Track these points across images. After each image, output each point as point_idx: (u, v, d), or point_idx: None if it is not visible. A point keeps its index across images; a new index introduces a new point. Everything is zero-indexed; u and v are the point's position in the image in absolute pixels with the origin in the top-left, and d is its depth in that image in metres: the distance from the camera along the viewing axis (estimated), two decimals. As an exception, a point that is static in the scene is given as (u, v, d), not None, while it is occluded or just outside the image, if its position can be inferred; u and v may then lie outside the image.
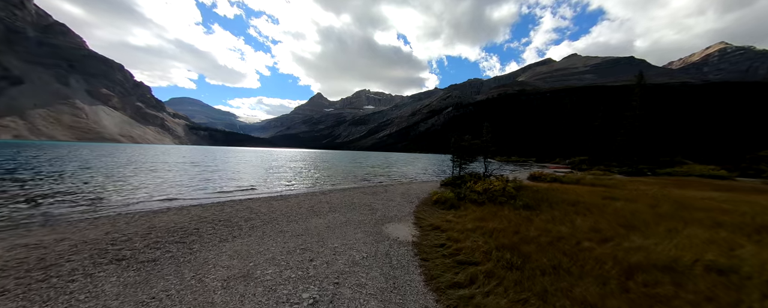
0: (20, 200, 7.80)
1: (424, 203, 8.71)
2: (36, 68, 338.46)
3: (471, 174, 11.53)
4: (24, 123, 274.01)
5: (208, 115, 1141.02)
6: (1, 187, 9.57)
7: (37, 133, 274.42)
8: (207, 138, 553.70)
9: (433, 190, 10.41)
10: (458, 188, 10.50)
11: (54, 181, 11.36)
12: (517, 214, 6.91)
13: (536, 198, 8.90)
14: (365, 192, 11.05)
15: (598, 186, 14.32)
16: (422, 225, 6.08)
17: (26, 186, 9.91)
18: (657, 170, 26.79)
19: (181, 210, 6.99)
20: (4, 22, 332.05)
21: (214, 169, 20.24)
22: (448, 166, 44.47)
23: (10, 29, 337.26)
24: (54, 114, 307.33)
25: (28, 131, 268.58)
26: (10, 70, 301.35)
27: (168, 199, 8.87)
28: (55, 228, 5.23)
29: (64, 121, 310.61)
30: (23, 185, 10.17)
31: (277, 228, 5.49)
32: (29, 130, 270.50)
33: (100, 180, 12.41)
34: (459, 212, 7.32)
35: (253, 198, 9.48)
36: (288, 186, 12.79)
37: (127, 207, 7.60)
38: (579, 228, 5.69)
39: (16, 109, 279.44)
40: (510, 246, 4.44)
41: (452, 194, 8.69)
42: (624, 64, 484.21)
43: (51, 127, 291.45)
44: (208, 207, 7.55)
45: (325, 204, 8.20)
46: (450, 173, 12.71)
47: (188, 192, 10.40)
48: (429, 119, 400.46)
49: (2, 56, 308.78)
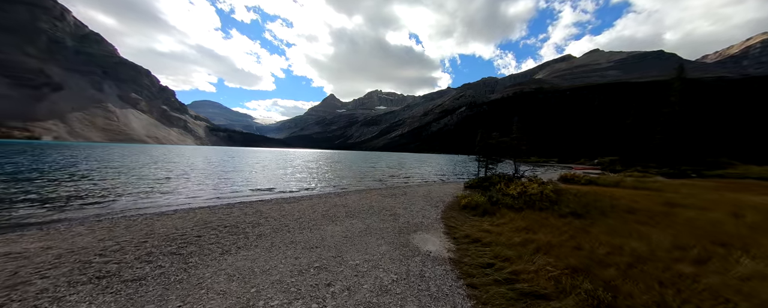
0: (33, 201, 7.60)
1: (450, 208, 7.73)
2: (74, 75, 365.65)
3: (499, 176, 10.40)
4: (63, 125, 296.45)
5: (227, 117, 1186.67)
6: (24, 187, 9.56)
7: (75, 134, 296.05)
8: (226, 139, 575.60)
9: (459, 193, 9.40)
10: (487, 191, 9.43)
11: (75, 181, 11.36)
12: (566, 224, 5.81)
13: (581, 203, 7.69)
14: (383, 194, 10.20)
15: (642, 189, 12.71)
16: (456, 235, 5.14)
17: (47, 187, 9.87)
18: (703, 171, 24.11)
19: (187, 213, 6.45)
20: (47, 33, 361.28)
21: (231, 169, 20.16)
22: (466, 167, 42.93)
23: (52, 40, 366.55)
24: (89, 117, 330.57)
25: (67, 133, 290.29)
26: (52, 77, 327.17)
27: (178, 200, 8.44)
28: (48, 233, 4.75)
29: (98, 124, 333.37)
30: (44, 186, 10.16)
31: (288, 237, 4.74)
32: (68, 132, 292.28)
33: (119, 179, 12.36)
34: (495, 219, 6.30)
35: (264, 199, 8.89)
36: (301, 188, 12.19)
37: (134, 208, 7.18)
38: (657, 244, 4.54)
39: (56, 112, 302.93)
40: (582, 269, 3.44)
41: (483, 198, 7.65)
42: (652, 58, 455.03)
43: (86, 129, 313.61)
44: (217, 209, 6.98)
45: (340, 207, 7.43)
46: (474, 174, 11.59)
47: (201, 192, 10.00)
48: (441, 119, 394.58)
49: (45, 65, 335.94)
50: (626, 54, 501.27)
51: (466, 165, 39.39)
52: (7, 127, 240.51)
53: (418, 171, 26.65)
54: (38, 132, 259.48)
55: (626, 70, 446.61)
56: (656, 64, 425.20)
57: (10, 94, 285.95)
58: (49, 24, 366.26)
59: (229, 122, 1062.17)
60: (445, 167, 35.33)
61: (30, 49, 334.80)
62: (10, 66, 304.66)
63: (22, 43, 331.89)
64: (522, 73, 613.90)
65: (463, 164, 46.02)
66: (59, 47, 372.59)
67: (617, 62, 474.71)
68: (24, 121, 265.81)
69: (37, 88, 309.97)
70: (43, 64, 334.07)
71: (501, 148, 10.58)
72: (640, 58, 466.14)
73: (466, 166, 37.13)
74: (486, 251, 4.20)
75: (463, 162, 54.25)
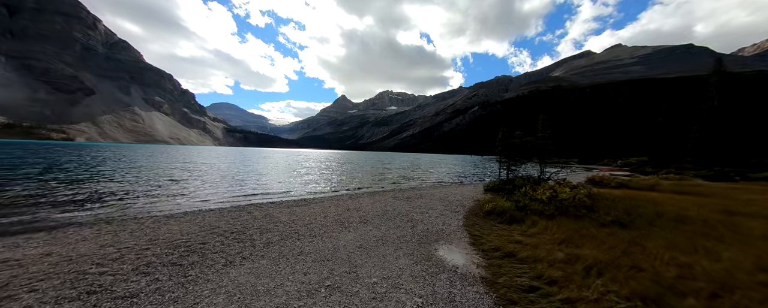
0: (51, 202, 7.67)
1: (473, 213, 7.10)
2: (104, 81, 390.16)
3: (524, 178, 9.60)
4: (95, 128, 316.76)
5: (243, 118, 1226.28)
6: (50, 187, 9.80)
7: (105, 136, 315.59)
8: (242, 139, 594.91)
9: (483, 198, 8.71)
10: (511, 195, 8.70)
11: (97, 182, 11.61)
12: (610, 235, 5.06)
13: (621, 210, 6.84)
14: (397, 197, 9.68)
15: (685, 193, 11.45)
16: (484, 247, 4.54)
17: (69, 187, 10.08)
18: (748, 174, 21.86)
19: (196, 216, 6.21)
20: (81, 41, 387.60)
21: (244, 170, 20.32)
22: (481, 168, 41.71)
23: (85, 47, 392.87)
24: (117, 119, 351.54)
25: (98, 135, 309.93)
26: (85, 83, 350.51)
27: (190, 202, 8.31)
28: (55, 236, 4.59)
29: (126, 126, 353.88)
30: (66, 186, 10.39)
31: (297, 247, 4.33)
32: (99, 134, 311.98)
33: (139, 180, 12.56)
34: (525, 228, 5.63)
35: (275, 201, 8.61)
36: (313, 189, 11.89)
37: (146, 210, 7.06)
38: (733, 264, 3.75)
39: (88, 115, 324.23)
40: (653, 299, 2.78)
41: (509, 203, 6.96)
42: (681, 52, 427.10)
43: (115, 131, 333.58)
44: (226, 212, 6.72)
45: (353, 212, 6.98)
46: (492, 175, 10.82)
47: (213, 193, 9.89)
48: (453, 119, 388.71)
49: (79, 71, 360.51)
50: (651, 49, 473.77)
51: (481, 166, 38.05)
52: (47, 129, 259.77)
53: (432, 172, 25.90)
54: (73, 134, 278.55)
55: (652, 65, 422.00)
56: (686, 59, 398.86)
57: (48, 98, 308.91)
58: (82, 33, 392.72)
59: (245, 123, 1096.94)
60: (458, 168, 34.29)
61: (66, 57, 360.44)
62: (50, 73, 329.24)
63: (59, 52, 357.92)
64: (538, 71, 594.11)
65: (477, 165, 44.59)
66: (91, 54, 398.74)
67: (641, 58, 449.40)
68: (60, 123, 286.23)
69: (72, 93, 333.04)
70: (78, 71, 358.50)
71: (525, 147, 9.77)
72: (667, 53, 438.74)
73: (481, 167, 35.86)
74: (523, 269, 3.59)
75: (477, 163, 52.70)
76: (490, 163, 58.79)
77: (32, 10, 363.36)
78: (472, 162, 56.70)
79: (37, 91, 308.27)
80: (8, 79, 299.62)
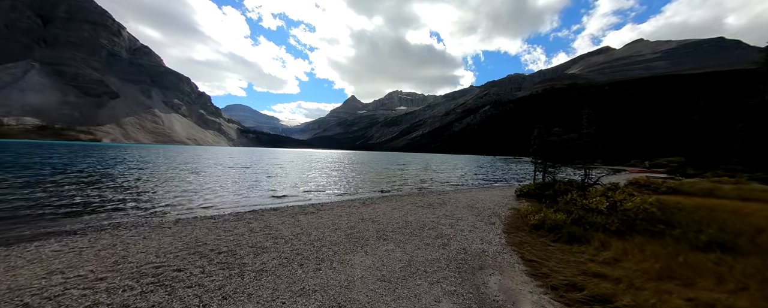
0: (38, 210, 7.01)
1: (513, 226, 5.81)
2: (128, 84, 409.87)
3: (566, 183, 8.19)
4: (119, 129, 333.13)
5: (256, 119, 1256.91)
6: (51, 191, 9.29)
7: (128, 137, 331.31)
8: (255, 140, 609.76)
9: (516, 205, 7.40)
10: (553, 202, 7.33)
11: (98, 186, 11.11)
12: (720, 264, 3.70)
13: (707, 224, 5.37)
14: (417, 203, 8.49)
15: (753, 200, 9.64)
16: (553, 282, 3.30)
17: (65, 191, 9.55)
18: (813, 177, 19.11)
19: (184, 228, 5.29)
20: (106, 48, 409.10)
21: (252, 171, 19.71)
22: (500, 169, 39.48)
23: (110, 53, 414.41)
24: (139, 121, 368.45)
25: (121, 136, 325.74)
26: (110, 87, 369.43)
27: (186, 207, 7.48)
28: (22, 254, 3.73)
29: (147, 127, 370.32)
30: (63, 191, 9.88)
31: (298, 279, 3.24)
32: (122, 135, 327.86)
33: (142, 183, 12.00)
34: (593, 251, 4.32)
35: (278, 208, 7.64)
36: (322, 193, 10.89)
37: (131, 220, 6.23)
38: None
39: (113, 118, 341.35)
40: None
41: (562, 215, 5.63)
42: (710, 47, 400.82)
43: (137, 132, 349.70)
44: (221, 222, 5.77)
45: (369, 223, 5.87)
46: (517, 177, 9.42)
47: (214, 198, 9.07)
48: (464, 119, 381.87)
49: (105, 76, 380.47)
50: (676, 43, 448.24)
51: (498, 167, 35.90)
52: (76, 131, 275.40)
53: (447, 173, 24.44)
54: (99, 135, 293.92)
55: (676, 60, 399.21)
56: (715, 54, 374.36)
57: (77, 102, 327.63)
58: (108, 40, 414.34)
59: (258, 124, 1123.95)
60: (473, 169, 32.54)
61: (93, 63, 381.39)
62: (79, 78, 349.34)
63: (87, 58, 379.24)
64: (552, 69, 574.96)
65: (494, 165, 42.35)
66: (116, 60, 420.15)
67: (665, 53, 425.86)
68: (88, 125, 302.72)
69: (99, 97, 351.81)
70: (104, 76, 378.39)
71: (566, 147, 8.34)
72: (694, 47, 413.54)
73: (498, 168, 33.78)
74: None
75: (492, 164, 50.35)
76: (507, 164, 56.16)
77: (63, 19, 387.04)
78: (486, 163, 54.39)
79: (68, 95, 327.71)
80: (42, 84, 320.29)
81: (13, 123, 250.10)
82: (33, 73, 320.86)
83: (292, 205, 8.05)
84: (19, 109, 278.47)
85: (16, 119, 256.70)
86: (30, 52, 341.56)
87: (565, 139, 8.36)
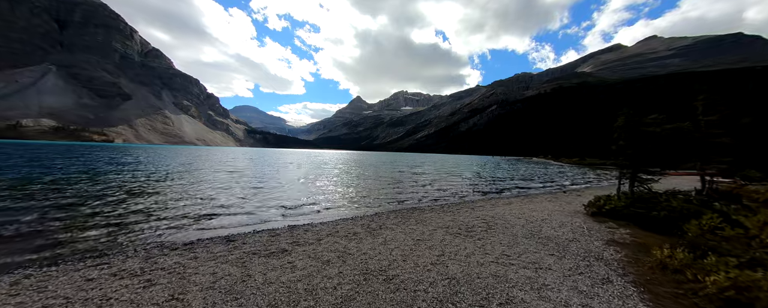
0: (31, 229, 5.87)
1: (665, 293, 3.57)
2: (139, 86, 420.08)
3: (679, 197, 6.28)
4: (131, 130, 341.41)
5: (263, 120, 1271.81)
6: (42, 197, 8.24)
7: (139, 137, 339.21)
8: (261, 140, 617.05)
9: (623, 235, 5.62)
10: (673, 228, 5.38)
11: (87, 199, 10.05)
12: None
13: None
14: (448, 225, 6.56)
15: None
16: None
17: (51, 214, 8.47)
18: None
19: (90, 272, 3.99)
20: (119, 51, 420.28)
21: (248, 176, 18.57)
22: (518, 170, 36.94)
23: (123, 56, 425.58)
24: (151, 122, 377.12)
25: (133, 136, 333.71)
26: (123, 89, 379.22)
27: (134, 231, 6.25)
28: None
29: (158, 128, 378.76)
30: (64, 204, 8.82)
31: None
32: (134, 136, 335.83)
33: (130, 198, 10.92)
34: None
35: (261, 230, 6.25)
36: (315, 208, 9.51)
37: (78, 253, 5.00)
38: None
39: (125, 119, 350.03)
40: None
41: (758, 274, 3.95)
42: (729, 43, 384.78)
43: (148, 133, 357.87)
44: (149, 265, 4.45)
45: (378, 282, 3.77)
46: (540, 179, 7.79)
47: (175, 216, 7.84)
48: (470, 119, 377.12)
49: (117, 78, 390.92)
50: (692, 39, 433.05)
51: (513, 168, 33.26)
52: (90, 132, 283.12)
53: (464, 177, 22.60)
54: (112, 136, 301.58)
55: (693, 57, 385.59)
56: (734, 49, 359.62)
57: (91, 103, 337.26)
58: (121, 43, 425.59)
59: (264, 125, 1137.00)
60: (488, 171, 30.37)
61: (107, 65, 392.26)
62: (93, 81, 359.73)
63: (101, 60, 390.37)
64: (561, 67, 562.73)
65: (507, 166, 39.76)
66: (128, 62, 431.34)
67: (680, 49, 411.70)
68: (101, 126, 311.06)
69: (112, 98, 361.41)
70: (116, 78, 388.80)
71: (675, 141, 6.17)
72: (712, 43, 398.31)
73: (514, 170, 31.27)
74: None
75: (504, 165, 47.70)
76: (519, 164, 53.19)
77: (79, 23, 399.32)
78: (498, 164, 51.90)
79: (82, 97, 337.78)
80: (59, 86, 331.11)
81: (31, 124, 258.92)
82: (50, 76, 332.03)
83: (281, 227, 6.62)
84: (36, 110, 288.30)
85: (33, 121, 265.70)
86: (47, 56, 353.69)
87: (668, 129, 6.12)
